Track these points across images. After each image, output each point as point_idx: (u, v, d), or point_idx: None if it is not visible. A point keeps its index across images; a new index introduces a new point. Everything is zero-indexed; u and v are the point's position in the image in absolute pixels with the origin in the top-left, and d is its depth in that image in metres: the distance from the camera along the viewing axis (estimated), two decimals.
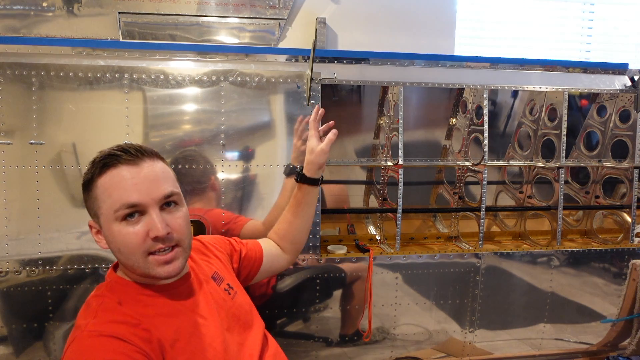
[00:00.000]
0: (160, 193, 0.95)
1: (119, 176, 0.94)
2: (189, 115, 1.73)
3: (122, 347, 0.87)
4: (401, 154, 1.86)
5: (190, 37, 2.12)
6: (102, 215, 0.96)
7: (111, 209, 0.94)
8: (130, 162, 0.95)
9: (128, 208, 0.93)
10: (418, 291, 1.93)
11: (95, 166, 0.96)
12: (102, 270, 1.67)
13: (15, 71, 1.62)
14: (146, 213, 0.95)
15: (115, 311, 0.95)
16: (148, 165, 0.97)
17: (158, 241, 0.95)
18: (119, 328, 0.91)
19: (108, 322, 0.92)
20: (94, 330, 0.90)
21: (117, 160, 0.95)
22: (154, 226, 0.93)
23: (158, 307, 1.00)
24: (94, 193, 0.97)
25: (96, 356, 0.85)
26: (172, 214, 0.98)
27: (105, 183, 0.95)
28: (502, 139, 2.38)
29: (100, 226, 0.98)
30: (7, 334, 1.64)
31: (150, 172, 0.96)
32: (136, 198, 0.93)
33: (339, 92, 2.20)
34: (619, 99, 2.15)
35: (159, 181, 0.96)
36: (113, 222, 0.94)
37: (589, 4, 2.82)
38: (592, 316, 2.11)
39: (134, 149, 0.97)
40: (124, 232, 0.94)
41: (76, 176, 1.65)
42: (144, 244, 0.94)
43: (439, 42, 2.44)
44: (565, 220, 2.29)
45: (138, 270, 0.97)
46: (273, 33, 2.21)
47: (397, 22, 2.40)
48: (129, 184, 0.93)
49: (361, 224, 2.19)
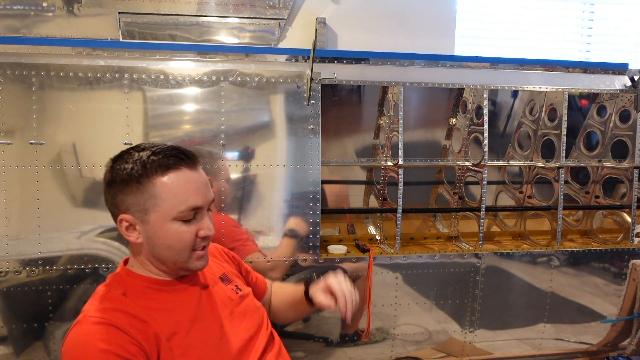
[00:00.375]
0: (210, 197, 1.06)
1: (183, 179, 1.01)
2: (189, 115, 1.73)
3: (117, 337, 0.92)
4: (401, 154, 1.86)
5: (190, 37, 2.12)
6: (156, 213, 1.00)
7: (174, 210, 0.99)
8: (191, 166, 1.03)
9: (192, 210, 1.02)
10: (418, 291, 1.93)
11: (154, 163, 0.99)
12: (102, 270, 1.67)
13: (16, 71, 1.62)
14: (199, 215, 1.04)
15: (117, 300, 1.00)
16: (201, 171, 1.07)
17: (204, 240, 1.06)
18: (118, 317, 0.95)
19: (108, 309, 0.97)
20: (93, 316, 0.95)
21: (179, 163, 1.01)
22: (207, 227, 1.04)
23: (161, 301, 1.04)
24: (149, 190, 0.99)
25: (91, 342, 0.90)
26: (210, 217, 1.09)
27: (169, 183, 0.99)
28: (502, 139, 2.39)
29: (142, 222, 1.01)
30: (7, 334, 1.64)
31: (204, 177, 1.06)
32: (200, 202, 1.02)
33: (339, 92, 2.20)
34: (619, 99, 2.15)
35: (208, 187, 1.07)
36: (170, 221, 1.00)
37: (589, 4, 2.82)
38: (592, 316, 2.11)
39: (190, 153, 1.05)
40: (180, 230, 1.01)
41: (76, 176, 1.65)
42: (194, 242, 1.03)
43: (438, 42, 2.44)
44: (565, 220, 2.29)
45: (178, 264, 1.05)
46: (273, 33, 2.21)
47: (397, 22, 2.40)
48: (193, 188, 1.02)
49: (361, 224, 2.19)
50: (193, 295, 1.10)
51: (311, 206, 1.78)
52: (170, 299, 1.06)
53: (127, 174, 1.00)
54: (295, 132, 1.78)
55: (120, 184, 1.01)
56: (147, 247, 1.04)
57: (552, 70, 2.11)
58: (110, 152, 1.67)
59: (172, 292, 1.07)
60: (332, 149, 2.22)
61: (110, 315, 0.95)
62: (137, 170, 1.00)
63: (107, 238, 1.68)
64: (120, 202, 1.02)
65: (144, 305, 1.01)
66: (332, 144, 2.22)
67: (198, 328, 1.05)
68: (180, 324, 1.03)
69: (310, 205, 1.78)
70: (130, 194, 1.00)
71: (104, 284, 1.08)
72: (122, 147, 1.66)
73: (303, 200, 1.78)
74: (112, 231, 1.68)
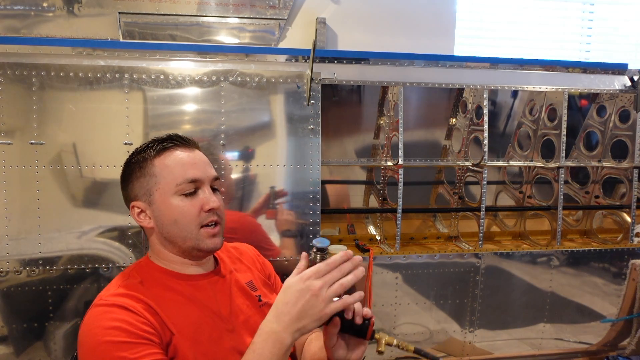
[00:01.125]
0: (211, 173, 1.11)
1: (178, 156, 1.08)
2: (189, 115, 1.73)
3: (129, 316, 0.94)
4: (401, 154, 1.86)
5: (190, 37, 2.12)
6: (158, 191, 1.07)
7: (173, 183, 1.06)
8: (185, 146, 1.11)
9: (190, 183, 1.06)
10: (418, 291, 1.93)
11: (150, 149, 1.09)
12: (102, 270, 1.67)
13: (16, 71, 1.62)
14: (200, 190, 1.08)
15: (133, 287, 1.03)
16: (199, 152, 1.13)
17: (210, 214, 1.07)
18: (131, 301, 0.98)
19: (122, 295, 0.99)
20: (107, 299, 0.98)
21: (174, 144, 1.09)
22: (209, 199, 1.07)
23: (176, 293, 1.06)
24: (149, 171, 1.08)
25: (103, 321, 0.93)
26: (216, 195, 1.11)
27: (165, 162, 1.07)
28: (502, 139, 2.39)
29: (149, 204, 1.08)
30: (7, 333, 1.64)
31: (202, 157, 1.12)
32: (197, 174, 1.07)
33: (339, 92, 2.20)
34: (618, 99, 2.16)
35: (209, 165, 1.12)
36: (172, 196, 1.06)
37: (589, 4, 2.82)
38: (591, 316, 2.11)
39: (185, 137, 1.12)
40: (182, 204, 1.06)
41: (76, 176, 1.65)
42: (199, 216, 1.06)
43: (438, 42, 2.44)
44: (565, 220, 2.29)
45: (189, 242, 1.07)
46: (273, 33, 2.21)
47: (396, 22, 2.40)
48: (189, 162, 1.08)
49: (361, 224, 2.19)
50: (207, 294, 1.10)
51: (311, 206, 1.78)
52: (185, 292, 1.07)
53: (130, 164, 1.11)
54: (295, 132, 1.78)
55: (128, 175, 1.11)
56: (157, 229, 1.09)
57: (551, 71, 2.11)
58: (110, 152, 1.69)
59: (187, 286, 1.08)
60: (332, 149, 2.22)
61: (123, 299, 0.98)
62: (138, 158, 1.10)
63: (107, 238, 1.69)
64: (130, 191, 1.11)
65: (159, 294, 1.03)
66: (332, 144, 2.23)
67: (206, 326, 1.05)
68: (189, 318, 1.03)
69: (310, 205, 1.78)
70: (136, 181, 1.09)
71: (123, 272, 1.11)
72: (122, 147, 1.68)
73: (303, 200, 1.78)
74: (112, 231, 1.68)
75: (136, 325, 0.93)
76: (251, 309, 1.16)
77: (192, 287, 1.09)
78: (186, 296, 1.07)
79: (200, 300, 1.08)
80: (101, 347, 0.90)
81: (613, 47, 2.90)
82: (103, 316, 0.94)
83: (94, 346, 0.91)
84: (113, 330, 0.91)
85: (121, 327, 0.92)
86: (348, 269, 0.94)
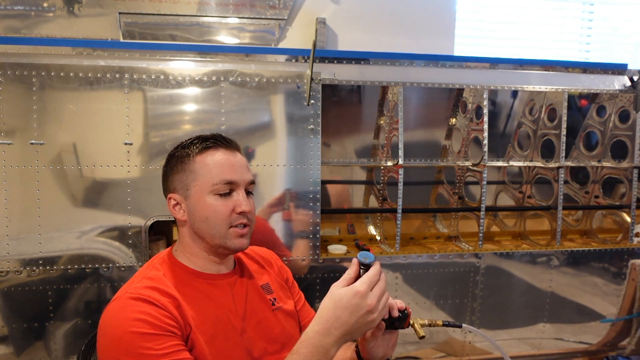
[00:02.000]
0: (248, 178, 1.13)
1: (219, 156, 1.11)
2: (189, 116, 1.74)
3: (153, 310, 0.96)
4: (401, 154, 1.86)
5: (190, 37, 2.12)
6: (195, 187, 1.10)
7: (210, 182, 1.09)
8: (228, 148, 1.13)
9: (226, 184, 1.09)
10: (418, 291, 1.93)
11: (194, 146, 1.12)
12: (102, 270, 1.67)
13: (16, 71, 1.62)
14: (234, 192, 1.11)
15: (157, 280, 1.05)
16: (239, 155, 1.15)
17: (241, 217, 1.10)
18: (156, 295, 1.00)
19: (147, 287, 1.01)
20: (133, 292, 0.99)
21: (216, 144, 1.12)
22: (242, 202, 1.09)
23: (196, 290, 1.09)
24: (190, 167, 1.11)
25: (129, 313, 0.95)
26: (250, 199, 1.14)
27: (206, 160, 1.10)
28: (502, 139, 2.39)
29: (185, 198, 1.11)
30: (7, 333, 1.65)
31: (242, 160, 1.15)
32: (233, 177, 1.10)
33: (339, 92, 2.21)
34: (618, 99, 2.16)
35: (247, 169, 1.15)
36: (207, 194, 1.09)
37: (589, 4, 2.82)
38: (591, 316, 2.11)
39: (229, 139, 1.15)
40: (216, 203, 1.08)
41: (76, 176, 1.66)
42: (230, 217, 1.09)
43: (438, 42, 2.44)
44: (564, 220, 2.29)
45: (217, 239, 1.10)
46: (273, 33, 2.21)
47: (396, 22, 2.40)
48: (228, 164, 1.11)
49: (361, 223, 2.19)
50: (225, 293, 1.13)
51: (311, 206, 1.78)
52: (204, 290, 1.10)
53: (174, 158, 1.14)
54: (296, 132, 1.78)
55: (170, 168, 1.15)
56: (189, 223, 1.12)
57: (551, 71, 2.11)
58: (110, 152, 1.69)
59: (207, 285, 1.11)
60: (332, 149, 2.22)
61: (148, 292, 0.99)
62: (181, 153, 1.13)
63: (107, 238, 1.69)
64: (170, 183, 1.14)
65: (181, 289, 1.06)
66: (332, 144, 2.23)
67: (223, 325, 1.07)
68: (207, 315, 1.06)
69: (310, 205, 1.78)
70: (176, 174, 1.13)
71: (147, 264, 1.14)
72: (123, 147, 1.68)
73: (303, 200, 1.78)
74: (112, 231, 1.68)
75: (160, 318, 0.96)
76: (265, 312, 1.17)
77: (211, 285, 1.11)
78: (205, 294, 1.09)
79: (218, 299, 1.10)
80: (127, 337, 0.92)
81: (613, 47, 2.90)
82: (129, 308, 0.96)
83: (119, 336, 0.93)
84: (139, 322, 0.93)
85: (146, 319, 0.94)
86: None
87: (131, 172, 1.68)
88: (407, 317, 1.03)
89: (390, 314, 1.00)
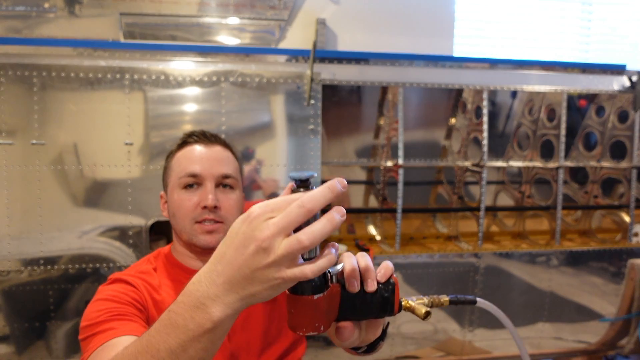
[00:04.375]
0: (218, 171, 1.07)
1: (191, 151, 1.09)
2: (190, 116, 1.74)
3: (121, 287, 0.97)
4: (401, 154, 1.87)
5: (191, 37, 2.12)
6: (169, 184, 1.09)
7: (177, 177, 1.07)
8: (204, 142, 1.09)
9: (189, 177, 1.05)
10: (418, 290, 1.94)
11: (176, 144, 1.12)
12: (102, 269, 1.68)
13: (17, 72, 1.63)
14: (201, 186, 1.06)
15: (144, 272, 1.05)
16: (218, 149, 1.10)
17: (205, 212, 1.04)
18: (134, 279, 1.00)
19: (129, 275, 1.02)
20: (113, 277, 1.01)
21: (194, 140, 1.10)
22: (205, 197, 1.04)
23: (181, 282, 1.05)
24: (169, 164, 1.11)
25: (103, 293, 0.96)
26: (226, 194, 1.08)
27: (180, 155, 1.09)
28: (501, 139, 2.39)
29: (167, 195, 1.11)
30: (9, 332, 1.65)
31: (217, 153, 1.09)
32: (197, 169, 1.06)
33: (339, 92, 2.21)
34: (617, 100, 2.16)
35: (222, 162, 1.09)
36: (176, 189, 1.07)
37: (588, 4, 2.83)
38: (590, 315, 2.12)
39: (210, 134, 1.12)
40: (181, 197, 1.06)
41: (77, 176, 1.66)
42: (194, 211, 1.04)
43: (437, 42, 2.44)
44: (564, 220, 2.30)
45: (184, 235, 1.06)
46: (273, 33, 2.22)
47: (396, 23, 2.41)
48: (197, 157, 1.07)
49: (361, 223, 2.20)
50: None
51: None
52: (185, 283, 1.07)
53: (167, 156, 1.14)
54: (296, 132, 1.79)
55: (163, 167, 1.15)
56: (170, 220, 1.10)
57: (551, 71, 2.12)
58: (111, 153, 1.69)
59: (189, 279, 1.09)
60: (332, 149, 2.23)
61: (128, 276, 1.00)
62: (170, 151, 1.13)
63: (108, 238, 1.69)
64: (163, 179, 1.14)
65: (167, 284, 1.06)
66: (332, 144, 2.23)
67: None
68: None
69: None
70: (164, 172, 1.14)
71: (145, 257, 1.14)
72: (123, 147, 1.68)
73: None
74: (113, 231, 1.69)
75: (124, 293, 0.96)
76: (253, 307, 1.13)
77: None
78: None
79: None
80: (90, 308, 0.94)
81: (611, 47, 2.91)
82: (107, 288, 0.98)
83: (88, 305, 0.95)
84: (100, 301, 0.94)
85: (113, 292, 0.96)
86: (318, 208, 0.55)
87: (132, 172, 1.69)
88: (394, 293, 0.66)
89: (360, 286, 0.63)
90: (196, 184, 1.06)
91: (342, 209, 0.56)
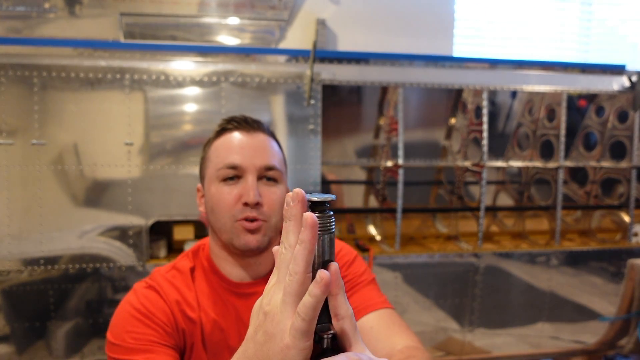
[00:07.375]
0: (262, 162, 0.95)
1: (230, 139, 0.97)
2: (190, 116, 1.74)
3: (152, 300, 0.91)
4: (401, 154, 1.87)
5: (191, 37, 2.12)
6: (207, 176, 0.98)
7: (215, 168, 0.96)
8: (246, 129, 0.98)
9: (229, 169, 0.94)
10: (417, 290, 1.94)
11: (214, 132, 1.01)
12: (103, 269, 1.68)
13: (17, 72, 1.63)
14: (242, 178, 0.95)
15: (181, 275, 0.98)
16: (261, 137, 0.99)
17: (247, 209, 0.93)
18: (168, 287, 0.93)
19: (164, 279, 0.95)
20: (147, 281, 0.95)
21: (234, 126, 0.98)
22: (247, 192, 0.93)
23: (217, 292, 0.98)
24: (207, 154, 1.00)
25: (126, 303, 0.91)
26: (269, 188, 0.97)
27: (218, 144, 0.98)
28: (501, 139, 2.40)
29: (204, 188, 1.00)
30: (9, 332, 1.65)
31: (260, 142, 0.97)
32: (238, 160, 0.94)
33: (339, 92, 2.21)
34: (617, 100, 2.17)
35: (265, 152, 0.97)
36: (214, 182, 0.96)
37: (587, 4, 2.83)
38: (590, 315, 2.12)
39: (252, 120, 1.00)
40: (220, 190, 0.95)
41: (78, 176, 1.66)
42: (234, 207, 0.93)
43: (437, 42, 2.45)
44: (563, 220, 2.30)
45: (224, 235, 0.95)
46: (273, 34, 2.22)
47: (396, 23, 2.41)
48: (237, 146, 0.96)
49: (361, 223, 2.20)
50: (245, 302, 0.98)
51: None
52: (225, 294, 0.98)
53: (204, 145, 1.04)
54: (296, 132, 1.79)
55: (200, 158, 1.04)
56: (208, 217, 1.00)
57: (550, 71, 2.12)
58: (111, 152, 1.70)
59: (229, 290, 0.98)
60: (332, 149, 2.23)
61: (161, 282, 0.94)
62: (208, 140, 1.03)
63: (108, 238, 1.70)
64: (200, 171, 1.04)
65: (204, 291, 0.97)
66: (332, 143, 2.23)
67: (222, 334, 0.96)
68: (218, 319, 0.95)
69: None
70: (202, 164, 1.03)
71: (184, 253, 1.04)
72: (123, 147, 1.69)
73: None
74: (113, 231, 1.69)
75: (153, 312, 0.90)
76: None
77: (233, 292, 0.98)
78: (224, 298, 0.97)
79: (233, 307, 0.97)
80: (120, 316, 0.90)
81: (611, 47, 2.91)
82: (130, 298, 0.93)
83: (117, 312, 0.91)
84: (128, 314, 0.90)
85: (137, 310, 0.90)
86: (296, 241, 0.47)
87: (132, 172, 1.69)
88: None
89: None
90: (236, 177, 0.95)
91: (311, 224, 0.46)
